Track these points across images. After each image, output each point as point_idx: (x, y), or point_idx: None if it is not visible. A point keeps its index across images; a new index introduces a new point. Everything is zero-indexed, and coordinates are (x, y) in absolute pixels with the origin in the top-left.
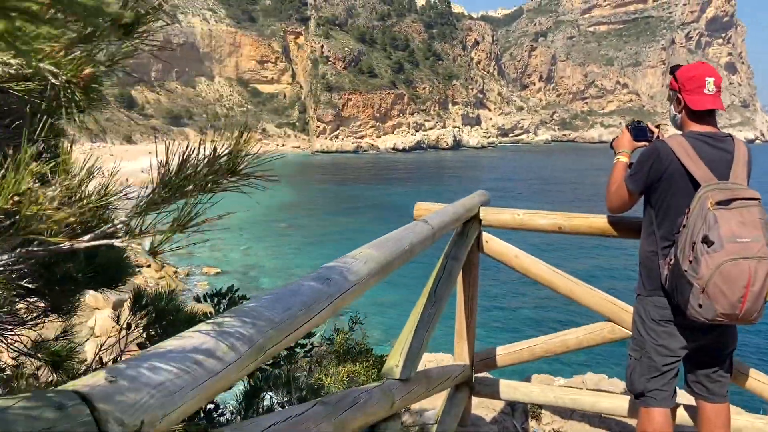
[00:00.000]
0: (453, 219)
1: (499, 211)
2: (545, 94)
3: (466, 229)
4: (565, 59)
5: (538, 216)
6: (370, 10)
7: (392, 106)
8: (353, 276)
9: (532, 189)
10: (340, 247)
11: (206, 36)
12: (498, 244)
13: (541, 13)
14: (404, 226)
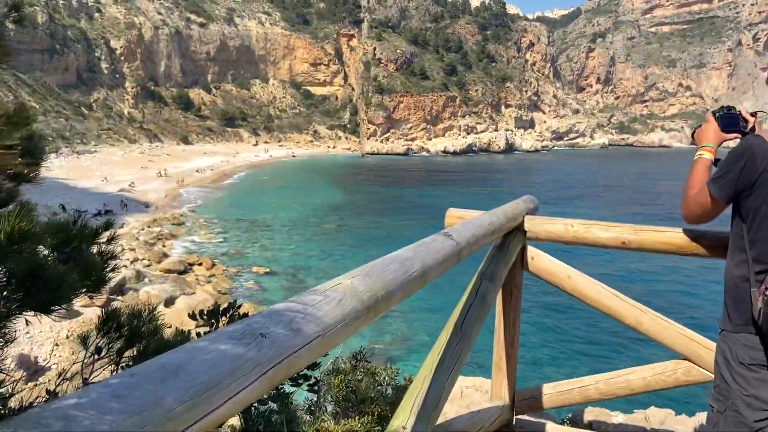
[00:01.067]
0: (488, 231)
1: (549, 220)
2: (603, 97)
3: (507, 241)
4: (625, 61)
5: (598, 228)
6: (424, 11)
7: (444, 108)
8: (313, 326)
9: (588, 195)
10: (387, 250)
11: (261, 39)
12: (547, 261)
13: (599, 13)
14: (418, 242)
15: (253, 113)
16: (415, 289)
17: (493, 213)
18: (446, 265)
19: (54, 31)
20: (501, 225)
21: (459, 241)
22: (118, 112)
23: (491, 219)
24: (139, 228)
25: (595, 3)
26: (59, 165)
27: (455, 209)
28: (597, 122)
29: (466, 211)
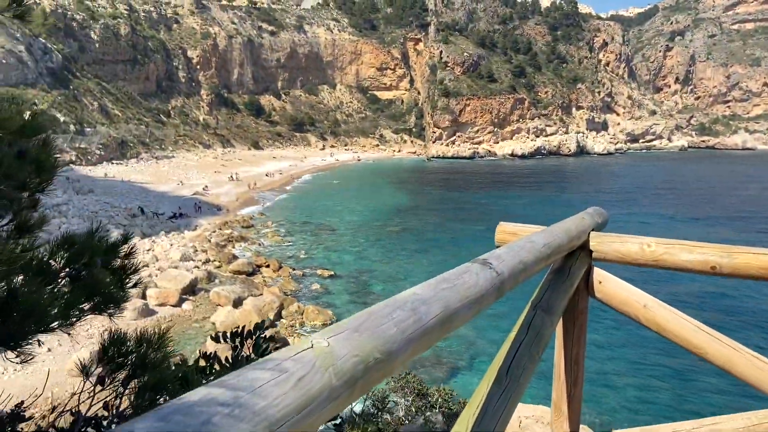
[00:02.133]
0: (542, 256)
1: (619, 238)
2: (681, 97)
3: (568, 264)
4: (705, 59)
5: (681, 248)
6: (492, 13)
7: (511, 111)
8: (245, 428)
9: (666, 202)
10: (450, 255)
11: (329, 45)
12: (617, 286)
13: (678, 10)
14: (443, 275)
15: (320, 118)
16: (434, 342)
17: (551, 232)
18: (481, 305)
19: (136, 42)
20: (560, 246)
21: (501, 271)
22: (194, 118)
23: (547, 239)
24: (211, 230)
25: (672, 0)
26: (139, 170)
27: (507, 224)
28: (675, 124)
29: (520, 226)
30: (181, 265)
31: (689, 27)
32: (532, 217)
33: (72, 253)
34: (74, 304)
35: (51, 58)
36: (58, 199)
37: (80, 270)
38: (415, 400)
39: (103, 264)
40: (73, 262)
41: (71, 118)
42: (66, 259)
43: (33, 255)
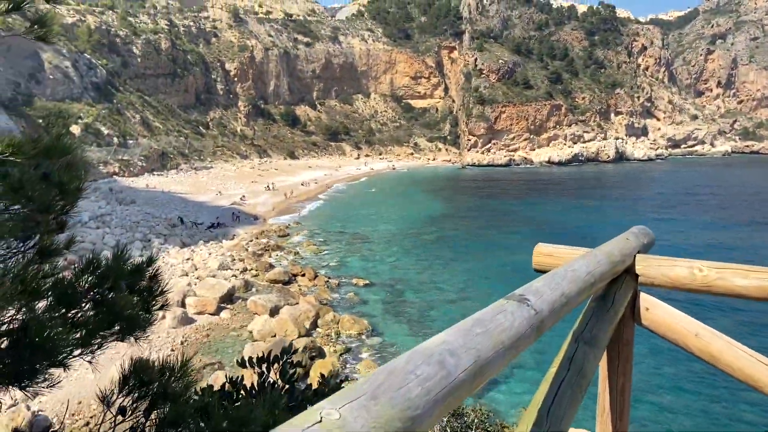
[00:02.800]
0: (585, 286)
1: (667, 261)
2: (724, 101)
3: (612, 290)
4: (748, 63)
5: (734, 273)
6: (527, 20)
7: (548, 117)
8: None
9: (710, 211)
10: (485, 264)
11: (364, 55)
12: (667, 313)
13: (719, 13)
14: (472, 317)
15: (355, 127)
16: (463, 398)
17: (594, 257)
18: (518, 350)
19: (176, 56)
20: (604, 274)
21: (540, 309)
22: (231, 129)
23: (590, 266)
24: (248, 239)
25: (713, 3)
26: (179, 180)
27: (545, 245)
28: (718, 128)
29: (559, 248)
30: (219, 274)
31: (731, 30)
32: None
33: (97, 276)
34: (96, 332)
35: (96, 73)
36: (102, 210)
37: (105, 294)
38: (450, 421)
39: (128, 287)
40: (98, 285)
41: (115, 131)
42: (90, 282)
43: (56, 279)
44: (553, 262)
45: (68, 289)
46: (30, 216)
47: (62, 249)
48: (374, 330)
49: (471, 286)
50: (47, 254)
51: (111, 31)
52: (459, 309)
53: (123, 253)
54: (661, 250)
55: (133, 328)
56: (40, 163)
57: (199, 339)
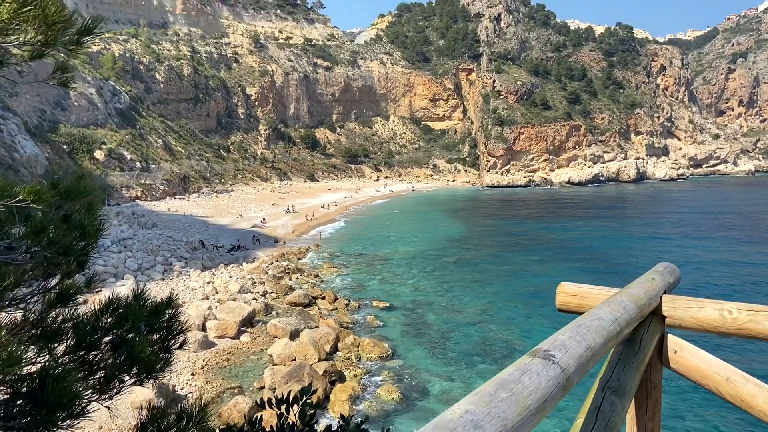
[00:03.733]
0: (611, 335)
1: (696, 303)
2: (746, 120)
3: (639, 332)
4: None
5: (766, 316)
6: (545, 42)
7: (567, 138)
8: None
9: (734, 232)
10: (507, 286)
11: (383, 78)
12: (695, 355)
13: (739, 32)
14: (493, 381)
15: (374, 149)
16: None
17: (619, 302)
18: (545, 412)
19: (197, 81)
20: (630, 320)
21: (566, 365)
22: (252, 153)
23: (615, 313)
24: (269, 262)
25: (733, 22)
26: (200, 204)
27: (569, 284)
28: (741, 147)
29: (582, 288)
30: (239, 297)
31: (752, 48)
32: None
33: (116, 316)
34: (115, 376)
35: (120, 99)
36: (124, 234)
37: (123, 337)
38: None
39: (147, 327)
40: (117, 326)
41: (137, 155)
42: (110, 324)
43: (76, 321)
44: (578, 302)
45: (88, 332)
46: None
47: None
48: (395, 353)
49: (492, 309)
50: (67, 298)
51: (135, 59)
52: (480, 332)
53: (143, 293)
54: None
55: (152, 370)
56: (61, 205)
57: (219, 363)
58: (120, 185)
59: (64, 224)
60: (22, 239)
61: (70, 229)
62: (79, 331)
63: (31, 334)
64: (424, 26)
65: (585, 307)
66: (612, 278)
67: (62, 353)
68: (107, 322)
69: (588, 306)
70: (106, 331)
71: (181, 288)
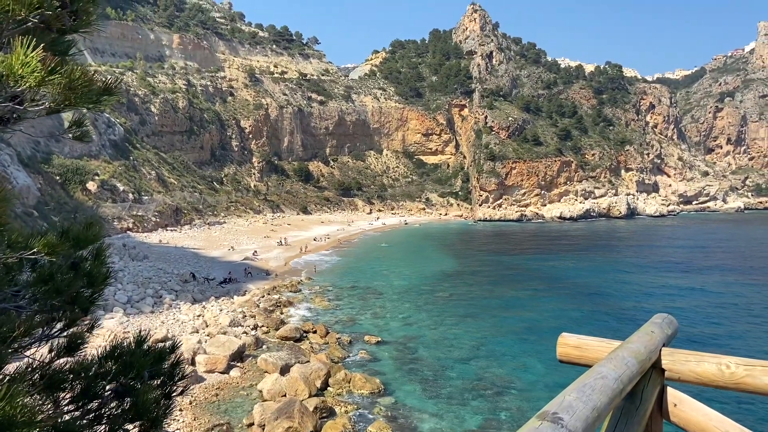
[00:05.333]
0: (615, 393)
1: (694, 356)
2: (735, 158)
3: (640, 386)
4: (758, 120)
5: (764, 371)
6: (536, 79)
7: (558, 173)
8: None
9: (722, 268)
10: (499, 322)
11: (376, 113)
12: (696, 409)
13: (726, 72)
14: None
15: (367, 183)
16: None
17: (621, 358)
18: None
19: (192, 114)
20: (632, 377)
21: (574, 429)
22: (245, 185)
23: (618, 371)
24: (260, 295)
25: (720, 62)
26: (192, 236)
27: (570, 335)
28: (730, 185)
29: (584, 340)
30: (229, 331)
31: (739, 88)
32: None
33: (120, 363)
34: (119, 426)
35: (114, 131)
36: (115, 266)
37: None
38: None
39: (150, 374)
40: (122, 374)
41: (130, 187)
42: (114, 373)
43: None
44: (579, 354)
45: (93, 380)
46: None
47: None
48: (386, 389)
49: (485, 345)
50: (75, 347)
51: (131, 91)
52: (473, 369)
53: (145, 338)
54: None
55: (157, 421)
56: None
57: (207, 398)
58: (112, 217)
59: (72, 272)
60: (30, 287)
61: (77, 278)
62: (84, 379)
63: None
64: (418, 62)
65: (585, 359)
66: (606, 316)
67: (67, 401)
68: (111, 369)
69: (588, 358)
70: (111, 379)
71: (171, 321)
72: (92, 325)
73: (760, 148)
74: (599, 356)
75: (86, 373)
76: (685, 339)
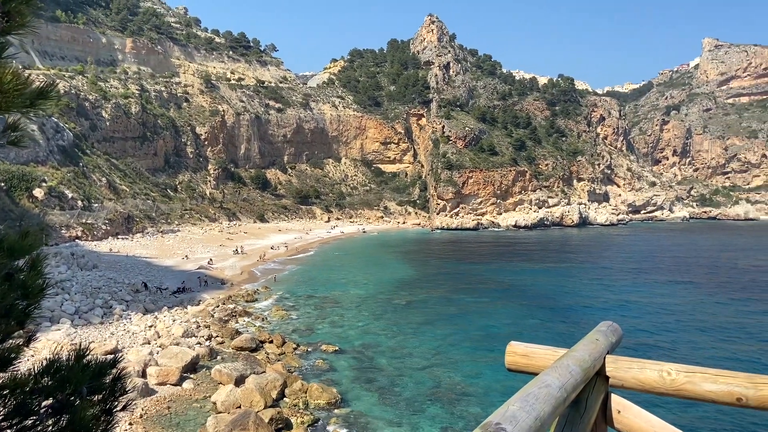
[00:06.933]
0: (559, 401)
1: (637, 364)
2: (680, 169)
3: (584, 394)
4: (702, 132)
5: (704, 378)
6: (491, 90)
7: (513, 183)
8: None
9: (667, 275)
10: (456, 329)
11: (335, 121)
12: (637, 416)
13: (672, 86)
14: None
15: (326, 191)
16: None
17: (566, 366)
18: None
19: (146, 120)
20: (576, 385)
21: None
22: (200, 192)
23: (562, 379)
24: (215, 305)
25: (666, 76)
26: (144, 244)
27: (518, 344)
28: (676, 195)
29: (531, 348)
30: (183, 342)
31: (684, 101)
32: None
33: (56, 380)
34: None
35: (63, 136)
36: (62, 276)
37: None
38: None
39: (89, 390)
40: (58, 390)
41: (79, 194)
42: (50, 388)
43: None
44: (526, 362)
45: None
46: None
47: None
48: (344, 399)
49: (441, 352)
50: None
51: (81, 96)
52: (430, 376)
53: (85, 353)
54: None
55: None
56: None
57: (159, 411)
58: (60, 224)
59: (6, 283)
60: None
61: (11, 289)
62: (19, 395)
63: None
64: (376, 72)
65: (533, 366)
66: (558, 323)
67: (1, 419)
68: (47, 385)
69: (536, 366)
70: (47, 395)
71: (121, 332)
72: (29, 338)
73: (704, 160)
74: (546, 364)
75: (21, 388)
76: (633, 346)
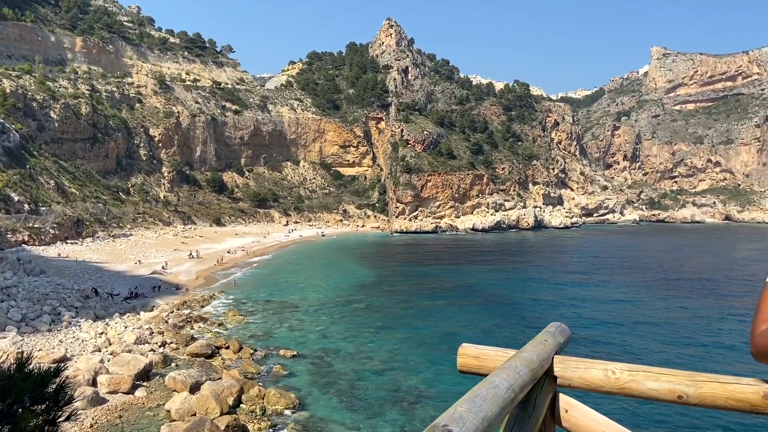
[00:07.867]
0: (507, 401)
1: (583, 364)
2: (630, 174)
3: (533, 394)
4: (651, 138)
5: (646, 376)
6: (449, 95)
7: (471, 186)
8: None
9: (623, 276)
10: (414, 332)
11: (293, 124)
12: (584, 414)
13: (622, 93)
14: None
15: (284, 194)
16: None
17: (514, 368)
18: None
19: (96, 121)
20: (524, 386)
21: None
22: (154, 196)
23: (511, 380)
24: (169, 310)
25: (617, 83)
26: (95, 249)
27: (470, 346)
28: (626, 198)
29: (483, 350)
30: (135, 349)
31: (634, 108)
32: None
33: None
34: None
35: (8, 138)
36: (8, 282)
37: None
38: None
39: (31, 400)
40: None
41: (26, 197)
42: None
43: None
44: (478, 364)
45: None
46: None
47: None
48: (302, 404)
49: (400, 356)
50: None
51: (28, 95)
52: (388, 380)
53: (27, 362)
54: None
55: None
56: None
57: (110, 421)
58: (5, 229)
59: None
60: None
61: None
62: None
63: None
64: (335, 75)
65: (484, 368)
66: (512, 325)
67: None
68: None
69: (487, 367)
70: None
71: (70, 340)
72: None
73: (653, 164)
74: (497, 365)
75: None
76: (582, 346)
